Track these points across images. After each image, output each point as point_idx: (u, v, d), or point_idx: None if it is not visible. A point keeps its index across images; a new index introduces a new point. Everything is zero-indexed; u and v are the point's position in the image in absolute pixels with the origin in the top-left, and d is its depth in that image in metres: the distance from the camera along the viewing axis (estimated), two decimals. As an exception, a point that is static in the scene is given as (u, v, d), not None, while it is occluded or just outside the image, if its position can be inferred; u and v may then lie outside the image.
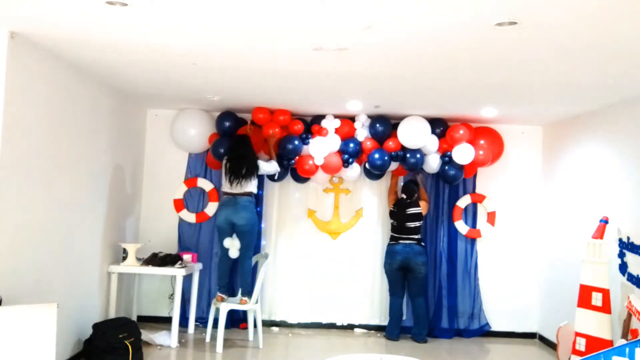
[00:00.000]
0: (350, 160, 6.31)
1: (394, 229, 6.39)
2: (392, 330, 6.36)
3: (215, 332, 5.68)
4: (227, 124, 6.29)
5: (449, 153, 6.26)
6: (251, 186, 5.81)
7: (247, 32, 3.58)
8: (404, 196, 6.39)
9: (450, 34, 3.44)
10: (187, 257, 5.98)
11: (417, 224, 6.32)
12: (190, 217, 6.62)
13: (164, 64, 4.53)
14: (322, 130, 6.25)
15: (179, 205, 6.63)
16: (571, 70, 4.21)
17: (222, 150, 6.11)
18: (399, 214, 6.35)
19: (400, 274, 6.32)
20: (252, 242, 5.92)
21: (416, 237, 6.30)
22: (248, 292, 5.78)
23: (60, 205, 4.60)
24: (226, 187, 5.79)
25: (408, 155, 6.24)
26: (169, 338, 5.69)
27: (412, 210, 6.31)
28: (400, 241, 6.29)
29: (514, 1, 2.90)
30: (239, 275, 5.87)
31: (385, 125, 6.26)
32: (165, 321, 6.18)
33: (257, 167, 5.82)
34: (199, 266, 6.35)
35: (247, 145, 5.87)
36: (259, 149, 6.18)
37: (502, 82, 4.67)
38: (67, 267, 4.76)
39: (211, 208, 6.59)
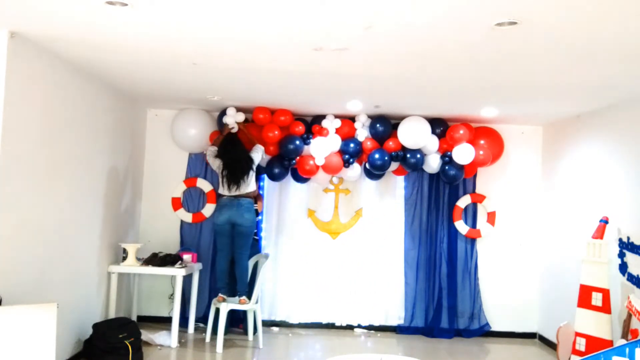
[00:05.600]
0: (351, 160, 6.31)
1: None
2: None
3: (216, 332, 5.69)
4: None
5: (449, 153, 6.26)
6: (251, 186, 5.81)
7: (247, 32, 3.58)
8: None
9: (451, 34, 3.44)
10: (187, 257, 5.98)
11: None
12: (187, 216, 6.62)
13: (164, 64, 4.53)
14: (323, 131, 6.25)
15: (176, 203, 6.63)
16: (571, 70, 4.21)
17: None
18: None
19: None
20: (250, 243, 5.92)
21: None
22: (246, 293, 5.78)
23: (60, 205, 4.61)
24: (225, 191, 5.78)
25: (408, 155, 6.24)
26: (169, 338, 5.69)
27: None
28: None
29: (514, 1, 2.90)
30: (237, 275, 5.86)
31: (385, 125, 6.26)
32: (165, 321, 6.18)
33: (252, 162, 5.81)
34: (198, 266, 6.35)
35: (238, 144, 5.87)
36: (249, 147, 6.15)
37: (502, 82, 4.67)
38: (67, 267, 4.76)
39: (208, 209, 6.59)
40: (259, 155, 5.97)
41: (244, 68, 4.53)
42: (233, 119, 6.12)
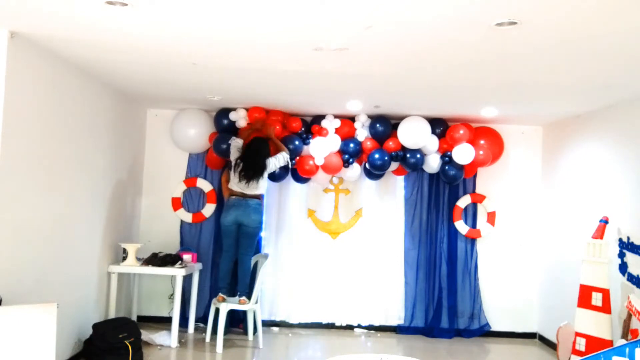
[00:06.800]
0: (351, 160, 6.31)
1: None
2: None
3: (216, 332, 5.68)
4: (225, 121, 6.28)
5: (449, 153, 6.26)
6: (260, 188, 5.82)
7: (247, 32, 3.58)
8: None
9: (451, 34, 3.44)
10: (187, 257, 5.98)
11: None
12: (187, 216, 6.62)
13: (164, 64, 4.53)
14: (322, 131, 6.25)
15: (176, 203, 6.63)
16: (571, 70, 4.21)
17: (224, 147, 6.08)
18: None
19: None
20: (255, 244, 5.93)
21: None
22: (247, 293, 5.78)
23: (60, 205, 4.60)
24: (234, 186, 5.79)
25: (408, 155, 6.24)
26: (169, 338, 5.69)
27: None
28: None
29: (514, 1, 2.90)
30: (239, 275, 5.86)
31: (385, 125, 6.26)
32: (165, 321, 6.18)
33: (265, 167, 5.80)
34: (198, 266, 6.35)
35: (263, 145, 5.84)
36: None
37: (502, 82, 4.67)
38: (67, 267, 4.76)
39: (208, 209, 6.59)
40: (278, 162, 5.92)
41: (244, 68, 4.53)
42: (244, 121, 6.15)
